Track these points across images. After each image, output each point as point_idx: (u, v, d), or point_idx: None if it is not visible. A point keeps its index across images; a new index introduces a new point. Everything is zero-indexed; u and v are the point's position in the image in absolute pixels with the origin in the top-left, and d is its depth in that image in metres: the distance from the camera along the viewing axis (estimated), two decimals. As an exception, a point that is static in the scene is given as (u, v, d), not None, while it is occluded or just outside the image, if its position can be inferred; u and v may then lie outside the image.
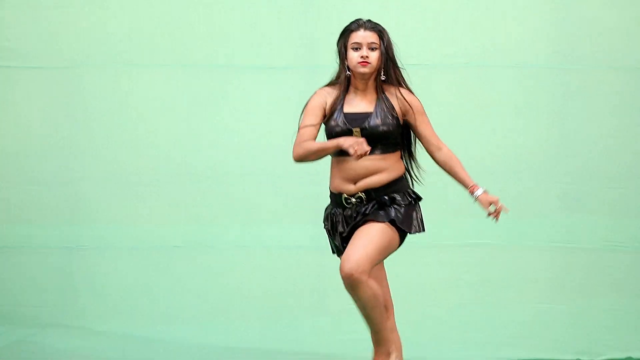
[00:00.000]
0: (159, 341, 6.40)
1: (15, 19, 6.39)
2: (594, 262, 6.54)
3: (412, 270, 6.47)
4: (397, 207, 4.39)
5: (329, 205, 4.55)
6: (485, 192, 4.38)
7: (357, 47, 4.37)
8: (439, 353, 6.39)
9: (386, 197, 4.38)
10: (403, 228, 4.35)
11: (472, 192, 4.43)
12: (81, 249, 6.52)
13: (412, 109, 4.43)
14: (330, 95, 4.44)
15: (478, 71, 6.50)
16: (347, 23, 4.47)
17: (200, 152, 6.54)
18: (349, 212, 4.39)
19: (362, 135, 4.31)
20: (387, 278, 5.02)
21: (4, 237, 6.55)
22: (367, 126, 4.32)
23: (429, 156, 4.57)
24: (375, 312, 4.42)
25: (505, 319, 6.50)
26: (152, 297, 6.52)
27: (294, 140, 4.41)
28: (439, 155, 4.50)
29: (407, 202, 4.43)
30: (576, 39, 6.52)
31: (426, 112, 4.47)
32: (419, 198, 4.50)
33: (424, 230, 4.48)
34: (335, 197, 4.46)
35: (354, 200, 4.38)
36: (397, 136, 4.42)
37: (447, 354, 6.38)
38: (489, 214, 4.37)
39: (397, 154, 4.45)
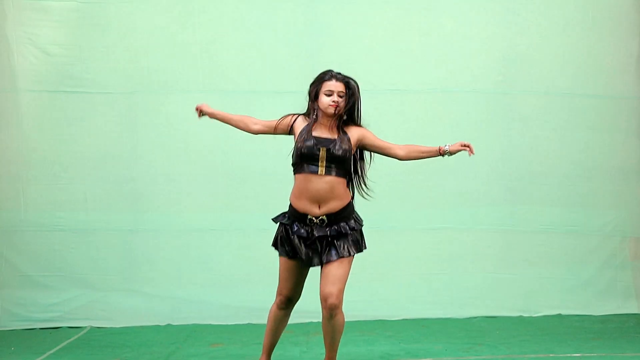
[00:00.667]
0: (198, 301, 7.17)
1: (92, 58, 7.13)
2: (531, 241, 7.34)
3: (395, 249, 7.25)
4: (351, 233, 4.83)
5: (287, 215, 4.92)
6: (449, 144, 4.87)
7: (330, 94, 4.82)
8: (414, 311, 7.18)
9: (341, 227, 4.80)
10: (356, 253, 4.89)
11: (443, 151, 4.85)
12: (138, 231, 7.18)
13: (366, 135, 4.93)
14: (302, 121, 4.91)
15: (442, 95, 7.24)
16: (322, 70, 4.93)
17: (230, 157, 7.20)
18: (311, 228, 4.84)
19: (326, 155, 4.78)
20: (378, 255, 6.01)
21: (81, 221, 7.13)
22: (330, 148, 4.80)
23: (396, 160, 4.97)
24: (339, 337, 4.87)
25: (464, 285, 7.28)
26: (192, 268, 7.19)
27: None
28: (401, 151, 4.92)
29: (356, 228, 4.88)
30: (516, 70, 7.30)
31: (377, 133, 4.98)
32: (362, 223, 4.95)
33: (366, 248, 4.94)
34: (299, 214, 4.85)
35: (316, 220, 4.84)
36: (349, 163, 4.87)
37: (420, 312, 7.17)
38: (469, 152, 4.80)
39: (345, 182, 4.89)
